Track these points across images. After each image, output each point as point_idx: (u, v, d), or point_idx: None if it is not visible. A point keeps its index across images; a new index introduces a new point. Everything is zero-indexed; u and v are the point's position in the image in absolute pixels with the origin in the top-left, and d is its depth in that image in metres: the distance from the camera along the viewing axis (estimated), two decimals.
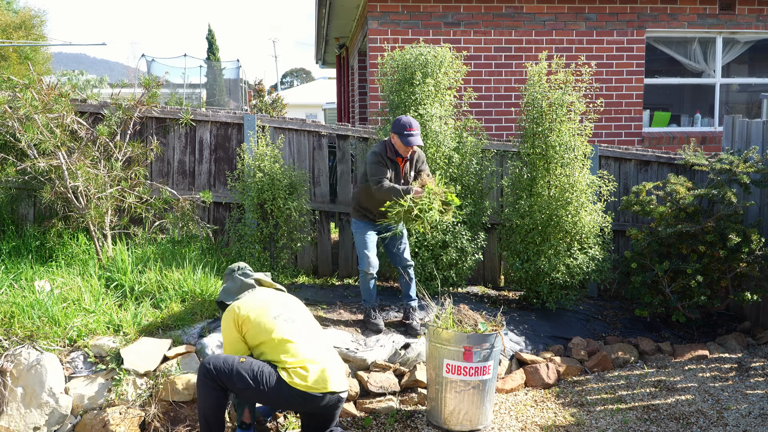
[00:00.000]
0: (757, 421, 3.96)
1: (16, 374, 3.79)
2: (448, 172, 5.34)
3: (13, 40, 14.50)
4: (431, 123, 5.20)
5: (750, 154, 5.36)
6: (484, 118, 7.71)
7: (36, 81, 5.17)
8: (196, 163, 5.85)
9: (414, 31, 7.62)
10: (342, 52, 12.74)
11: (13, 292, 4.31)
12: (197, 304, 4.54)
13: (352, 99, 11.93)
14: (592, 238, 5.35)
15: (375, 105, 7.56)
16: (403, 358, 4.41)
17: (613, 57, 7.94)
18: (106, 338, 4.04)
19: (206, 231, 5.65)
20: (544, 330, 5.11)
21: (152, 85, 5.61)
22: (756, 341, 5.30)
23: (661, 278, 5.23)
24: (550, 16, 7.82)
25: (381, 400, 4.14)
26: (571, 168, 5.23)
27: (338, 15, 9.89)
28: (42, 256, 5.14)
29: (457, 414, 3.86)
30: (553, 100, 5.18)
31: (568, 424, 4.01)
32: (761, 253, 5.13)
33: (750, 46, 8.51)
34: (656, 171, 6.24)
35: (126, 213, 5.38)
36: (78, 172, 4.91)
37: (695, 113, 8.75)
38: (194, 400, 3.88)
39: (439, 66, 5.33)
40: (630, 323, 5.47)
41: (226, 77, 19.92)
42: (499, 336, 3.90)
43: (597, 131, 7.85)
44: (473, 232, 5.43)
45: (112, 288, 4.63)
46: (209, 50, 29.88)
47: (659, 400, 4.30)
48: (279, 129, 5.89)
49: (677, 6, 7.99)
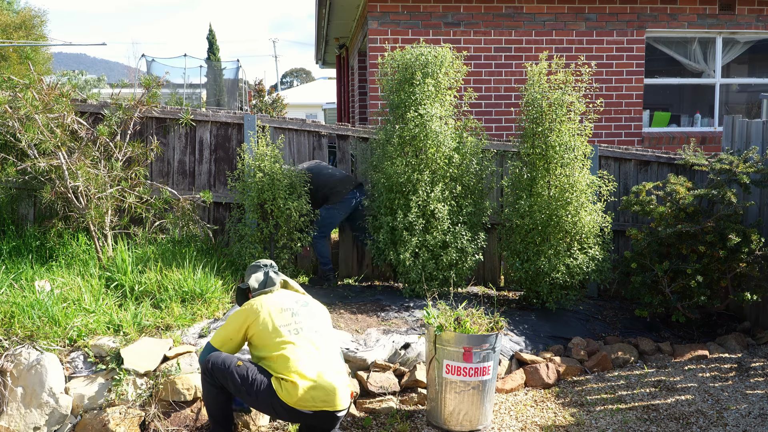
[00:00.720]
0: (757, 421, 3.97)
1: (16, 374, 3.79)
2: (448, 172, 5.35)
3: (13, 40, 14.52)
4: (431, 123, 5.20)
5: (750, 154, 5.36)
6: (484, 118, 7.71)
7: (36, 81, 5.17)
8: (196, 163, 5.85)
9: (414, 31, 7.63)
10: (342, 52, 12.74)
11: (13, 292, 4.31)
12: (197, 304, 4.54)
13: (352, 99, 11.94)
14: (592, 238, 5.35)
15: (375, 105, 7.56)
16: (403, 358, 4.42)
17: (613, 57, 7.94)
18: (106, 338, 4.04)
19: (206, 231, 5.65)
20: (544, 330, 5.12)
21: (152, 85, 5.61)
22: (756, 341, 5.30)
23: (661, 278, 5.23)
24: (550, 17, 7.82)
25: (381, 400, 4.15)
26: (571, 168, 5.24)
27: (338, 15, 9.89)
28: (42, 256, 5.15)
29: (457, 414, 3.86)
30: (553, 100, 5.18)
31: (568, 424, 4.01)
32: (761, 253, 5.13)
33: (750, 46, 8.52)
34: (656, 171, 6.25)
35: (126, 213, 5.38)
36: (78, 172, 4.92)
37: (695, 113, 8.76)
38: (194, 400, 3.89)
39: (440, 66, 5.33)
40: (630, 323, 5.48)
41: (226, 77, 19.93)
42: (499, 336, 3.90)
43: (597, 131, 7.85)
44: (473, 232, 5.43)
45: (112, 288, 4.63)
46: (209, 50, 29.91)
47: (659, 400, 4.31)
48: (279, 129, 5.89)
49: (677, 6, 7.99)
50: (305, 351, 3.37)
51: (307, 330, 3.46)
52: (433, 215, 5.27)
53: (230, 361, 3.38)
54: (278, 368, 3.31)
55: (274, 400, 3.27)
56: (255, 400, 3.35)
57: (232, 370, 3.34)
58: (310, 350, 3.38)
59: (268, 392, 3.28)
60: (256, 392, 3.30)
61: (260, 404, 3.36)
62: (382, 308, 5.11)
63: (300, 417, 3.31)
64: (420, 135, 5.22)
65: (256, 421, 3.88)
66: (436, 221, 5.24)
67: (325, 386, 3.28)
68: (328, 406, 3.28)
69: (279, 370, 3.30)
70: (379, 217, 5.42)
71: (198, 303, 4.56)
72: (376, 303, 5.25)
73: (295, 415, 3.30)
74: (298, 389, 3.23)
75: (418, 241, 5.22)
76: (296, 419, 3.36)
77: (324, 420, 3.34)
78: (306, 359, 3.33)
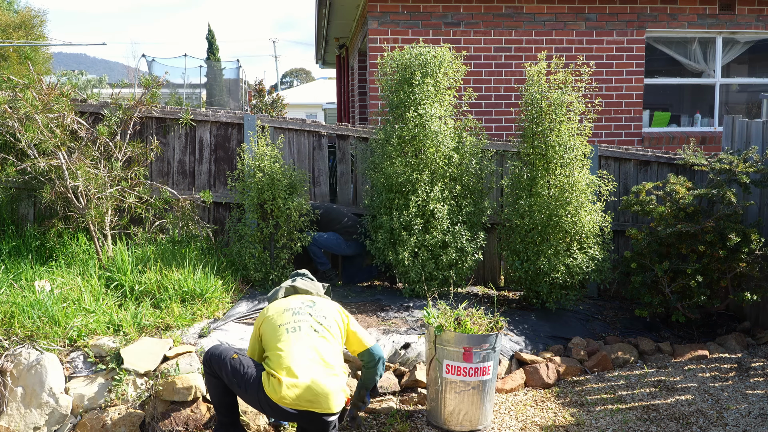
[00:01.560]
0: (756, 421, 3.97)
1: (16, 374, 3.80)
2: (447, 172, 5.35)
3: (13, 40, 14.52)
4: (431, 123, 5.20)
5: (750, 154, 5.36)
6: (484, 118, 7.71)
7: (36, 81, 5.17)
8: (196, 163, 5.85)
9: (414, 31, 7.63)
10: (342, 52, 12.74)
11: (13, 292, 4.31)
12: (197, 304, 4.54)
13: (352, 99, 11.94)
14: (591, 237, 5.35)
15: (375, 105, 7.56)
16: (403, 358, 4.42)
17: (613, 57, 7.94)
18: (106, 338, 4.04)
19: (206, 231, 5.65)
20: (544, 330, 5.12)
21: (152, 85, 5.61)
22: (756, 341, 5.30)
23: (660, 278, 5.23)
24: (550, 17, 7.82)
25: (381, 400, 4.15)
26: (570, 168, 5.24)
27: (338, 15, 9.90)
28: (42, 256, 5.15)
29: (457, 414, 3.86)
30: (553, 100, 5.18)
31: (568, 424, 4.01)
32: (761, 253, 5.13)
33: (750, 46, 8.52)
34: (656, 171, 6.25)
35: (126, 213, 5.39)
36: (78, 172, 4.92)
37: (695, 113, 8.76)
38: (194, 400, 3.89)
39: (439, 66, 5.33)
40: (630, 323, 5.48)
41: (226, 77, 19.93)
42: (499, 336, 3.90)
43: (597, 131, 7.85)
44: (473, 232, 5.43)
45: (112, 288, 4.64)
46: (209, 50, 29.92)
47: (659, 400, 4.31)
48: (279, 129, 5.89)
49: (677, 6, 7.99)
50: (299, 349, 3.37)
51: (305, 329, 3.47)
52: (432, 215, 5.27)
53: (227, 353, 3.45)
54: (272, 364, 3.35)
55: (260, 394, 3.30)
56: (244, 393, 3.37)
57: (227, 361, 3.40)
58: (304, 349, 3.38)
59: (257, 386, 3.31)
60: (246, 384, 3.34)
61: (249, 397, 3.38)
62: (382, 308, 5.11)
63: (285, 415, 3.31)
64: (419, 135, 5.22)
65: (255, 421, 3.88)
66: (436, 221, 5.24)
67: (312, 386, 3.26)
68: (313, 407, 3.26)
69: (272, 366, 3.34)
70: (378, 217, 5.42)
71: (198, 303, 4.56)
72: (376, 303, 5.25)
73: (280, 412, 3.31)
74: (282, 386, 3.23)
75: (417, 241, 5.22)
76: (282, 416, 3.36)
77: (311, 422, 3.33)
78: (299, 357, 3.33)
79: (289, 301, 3.68)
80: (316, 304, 3.67)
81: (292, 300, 3.70)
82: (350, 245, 5.68)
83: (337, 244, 5.62)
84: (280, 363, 3.31)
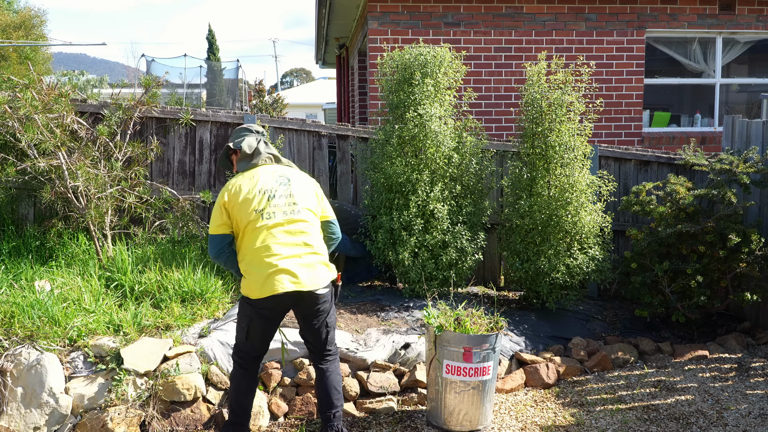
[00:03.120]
0: (757, 421, 3.97)
1: (16, 374, 3.79)
2: (447, 172, 5.34)
3: (13, 40, 14.52)
4: (431, 123, 5.20)
5: (750, 155, 5.36)
6: (484, 118, 7.71)
7: (36, 81, 5.17)
8: (196, 163, 5.85)
9: (414, 31, 7.63)
10: (342, 52, 12.74)
11: (13, 292, 4.31)
12: (197, 304, 4.54)
13: (352, 99, 11.94)
14: (591, 238, 5.35)
15: (375, 105, 7.56)
16: (403, 358, 4.42)
17: (613, 57, 7.94)
18: (106, 338, 4.04)
19: (206, 231, 5.65)
20: (544, 330, 5.12)
21: (152, 85, 5.61)
22: (756, 341, 5.30)
23: (661, 278, 5.23)
24: (550, 17, 7.82)
25: (381, 401, 4.15)
26: (570, 168, 5.24)
27: (338, 15, 9.90)
28: (42, 256, 5.15)
29: (457, 414, 3.86)
30: (553, 100, 5.19)
31: (568, 424, 4.01)
32: (761, 253, 5.13)
33: (750, 46, 8.52)
34: (656, 171, 6.25)
35: (126, 213, 5.38)
36: (78, 172, 4.91)
37: (695, 113, 8.76)
38: (194, 400, 3.89)
39: (439, 66, 5.33)
40: (630, 323, 5.48)
41: (226, 77, 19.94)
42: (499, 336, 3.90)
43: (597, 131, 7.86)
44: (473, 232, 5.43)
45: (112, 288, 4.63)
46: (209, 50, 29.93)
47: (659, 400, 4.31)
48: (279, 129, 5.89)
49: (677, 6, 7.99)
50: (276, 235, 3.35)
51: (280, 214, 3.40)
52: (432, 215, 5.27)
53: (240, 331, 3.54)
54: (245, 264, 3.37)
55: (245, 307, 3.42)
56: (239, 327, 3.52)
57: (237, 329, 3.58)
58: (281, 234, 3.36)
59: (240, 306, 3.47)
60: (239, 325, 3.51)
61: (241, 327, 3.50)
62: (382, 308, 5.11)
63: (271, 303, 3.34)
64: (419, 135, 5.22)
65: (255, 421, 3.88)
66: (436, 221, 5.24)
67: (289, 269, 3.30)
68: (297, 286, 3.30)
69: (245, 267, 3.37)
70: (378, 217, 5.42)
71: (198, 303, 4.56)
72: (376, 303, 5.25)
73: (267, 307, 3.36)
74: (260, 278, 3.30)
75: (417, 241, 5.21)
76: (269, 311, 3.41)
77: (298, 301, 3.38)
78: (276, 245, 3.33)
79: (263, 180, 3.47)
80: (291, 180, 3.53)
81: (266, 178, 3.49)
82: (356, 246, 5.62)
83: (343, 244, 5.56)
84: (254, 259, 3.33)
